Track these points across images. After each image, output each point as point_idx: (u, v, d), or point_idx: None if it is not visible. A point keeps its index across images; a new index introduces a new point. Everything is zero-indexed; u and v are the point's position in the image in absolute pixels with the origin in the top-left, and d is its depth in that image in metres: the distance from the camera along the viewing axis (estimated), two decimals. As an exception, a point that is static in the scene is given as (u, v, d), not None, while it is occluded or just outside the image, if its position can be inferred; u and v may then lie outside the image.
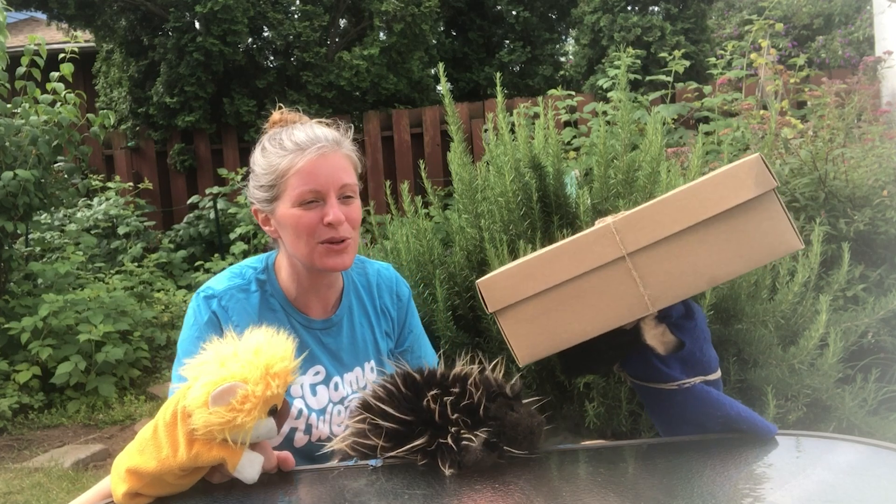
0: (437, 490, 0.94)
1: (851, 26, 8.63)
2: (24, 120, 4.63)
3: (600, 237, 1.01)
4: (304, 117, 1.43)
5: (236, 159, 7.30)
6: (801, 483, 0.92)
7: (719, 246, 1.00)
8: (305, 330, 1.41)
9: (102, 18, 7.13)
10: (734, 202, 0.98)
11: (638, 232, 1.00)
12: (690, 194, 1.00)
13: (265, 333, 0.99)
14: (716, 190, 0.99)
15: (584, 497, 0.92)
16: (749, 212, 0.99)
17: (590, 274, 1.01)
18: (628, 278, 1.01)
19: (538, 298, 1.03)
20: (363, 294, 1.49)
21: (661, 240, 1.00)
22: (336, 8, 7.65)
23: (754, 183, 0.97)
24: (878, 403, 2.36)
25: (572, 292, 1.02)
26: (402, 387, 1.03)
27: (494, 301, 1.06)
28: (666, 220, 1.00)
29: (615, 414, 2.22)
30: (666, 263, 1.00)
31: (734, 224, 0.99)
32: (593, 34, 7.07)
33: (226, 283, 1.38)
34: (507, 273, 1.05)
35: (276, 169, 1.31)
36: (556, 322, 1.03)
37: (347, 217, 1.31)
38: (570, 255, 1.02)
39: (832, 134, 3.21)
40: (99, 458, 3.84)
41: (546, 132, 2.57)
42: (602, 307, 1.02)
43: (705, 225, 0.99)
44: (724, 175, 0.99)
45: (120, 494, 0.96)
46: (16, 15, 9.08)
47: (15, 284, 5.01)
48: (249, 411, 0.91)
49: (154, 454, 0.94)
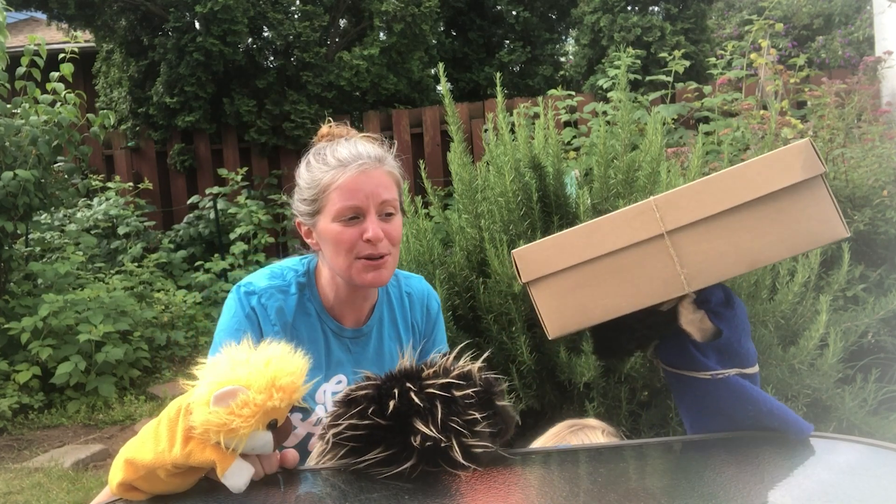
0: (438, 490, 0.94)
1: (851, 26, 8.63)
2: (24, 120, 4.63)
3: (640, 213, 1.00)
4: (353, 131, 1.44)
5: (236, 159, 7.30)
6: (801, 483, 0.92)
7: (762, 229, 0.98)
8: (336, 337, 1.43)
9: (102, 18, 7.13)
10: (780, 185, 0.96)
11: (679, 210, 0.99)
12: (736, 175, 0.98)
13: (282, 348, 0.98)
14: (762, 172, 0.97)
15: (584, 497, 0.92)
16: (795, 196, 0.97)
17: (627, 249, 1.00)
18: (666, 256, 0.99)
19: (573, 271, 1.02)
20: (396, 307, 1.51)
21: (701, 219, 0.98)
22: (336, 8, 7.65)
23: (801, 167, 0.96)
24: (878, 403, 2.36)
25: (608, 267, 1.01)
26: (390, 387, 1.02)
27: (528, 271, 1.04)
28: (709, 199, 0.98)
29: (615, 414, 2.22)
30: (705, 243, 0.99)
31: (779, 207, 0.97)
32: (593, 34, 7.07)
33: (266, 282, 1.40)
34: (543, 244, 1.04)
35: (318, 183, 1.33)
36: (590, 296, 1.02)
37: (387, 233, 1.33)
38: (608, 230, 1.00)
39: (832, 134, 3.21)
40: (99, 458, 3.84)
41: (546, 132, 2.57)
42: (637, 284, 1.00)
43: (749, 207, 0.97)
44: (772, 158, 0.98)
45: (115, 484, 0.96)
46: (16, 15, 9.08)
47: (15, 284, 5.01)
48: (247, 418, 0.90)
49: (152, 446, 0.94)
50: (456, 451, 0.95)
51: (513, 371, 2.25)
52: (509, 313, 2.29)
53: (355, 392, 1.02)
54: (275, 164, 7.34)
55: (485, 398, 1.00)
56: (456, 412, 0.97)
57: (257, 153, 7.28)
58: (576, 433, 1.31)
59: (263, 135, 7.06)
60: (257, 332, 1.37)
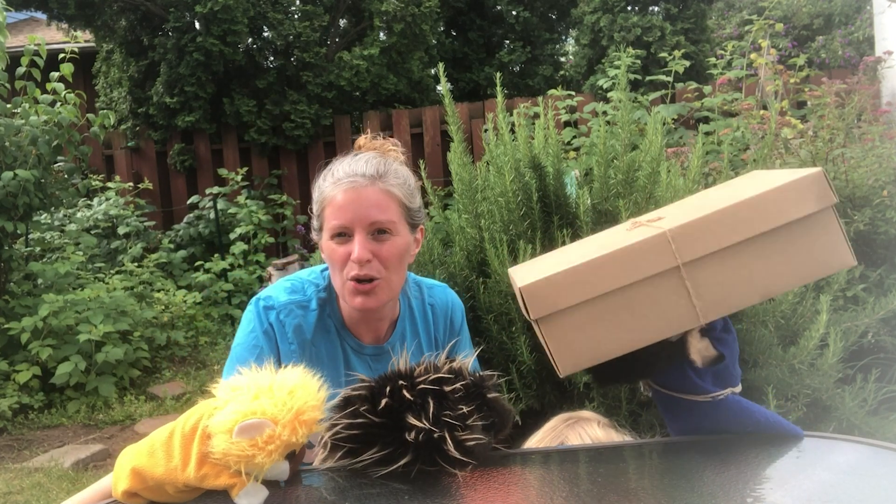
0: (437, 490, 0.94)
1: (851, 26, 8.63)
2: (24, 120, 4.64)
3: (655, 245, 0.97)
4: (387, 144, 1.42)
5: (236, 159, 7.30)
6: (802, 483, 0.92)
7: (775, 259, 0.98)
8: (356, 354, 1.41)
9: (102, 18, 7.13)
10: (794, 216, 0.96)
11: (694, 242, 0.97)
12: (750, 206, 0.97)
13: (302, 375, 0.98)
14: (776, 203, 0.97)
15: (584, 497, 0.92)
16: (807, 226, 0.97)
17: (641, 283, 0.98)
18: (681, 289, 0.98)
19: (585, 307, 0.99)
20: (419, 320, 1.48)
21: (716, 251, 0.97)
22: (336, 8, 7.65)
23: (815, 198, 0.96)
24: (878, 403, 2.36)
25: (621, 301, 0.98)
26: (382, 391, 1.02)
27: (538, 308, 0.99)
28: (724, 231, 0.97)
29: (615, 414, 2.22)
30: (720, 275, 0.98)
31: (791, 238, 0.98)
32: (593, 34, 7.07)
33: (286, 297, 1.38)
34: (553, 279, 1.00)
35: (320, 199, 1.33)
36: (602, 332, 0.99)
37: (377, 254, 1.29)
38: (621, 263, 0.98)
39: (832, 134, 3.21)
40: (99, 458, 3.84)
41: (546, 132, 2.57)
42: (651, 318, 0.99)
43: (762, 237, 0.97)
44: (785, 188, 0.97)
45: (120, 491, 0.96)
46: (16, 15, 9.08)
47: (15, 284, 5.01)
48: (270, 453, 0.90)
49: (163, 461, 0.93)
50: (449, 443, 0.95)
51: (513, 371, 2.25)
52: (509, 313, 2.29)
53: (350, 394, 1.02)
54: (275, 164, 7.34)
55: (476, 392, 1.00)
56: (447, 406, 0.97)
57: (257, 153, 7.28)
58: (572, 426, 1.30)
59: (263, 135, 7.06)
60: (274, 348, 1.35)
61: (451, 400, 0.98)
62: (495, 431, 1.02)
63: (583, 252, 1.06)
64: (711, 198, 1.09)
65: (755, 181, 1.07)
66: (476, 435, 0.97)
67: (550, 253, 1.24)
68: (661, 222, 1.04)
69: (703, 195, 1.19)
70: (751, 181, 1.09)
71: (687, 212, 1.05)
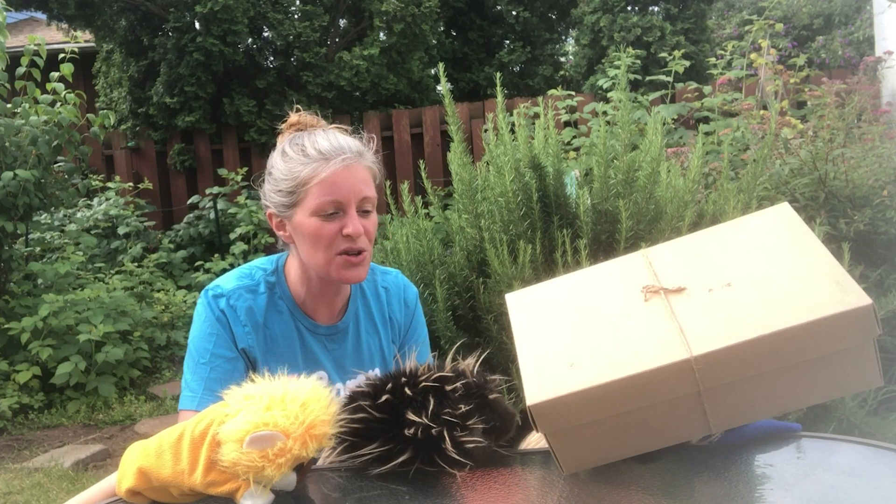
0: (437, 490, 0.94)
1: (851, 26, 8.63)
2: (24, 120, 4.63)
3: (677, 372, 0.91)
4: (323, 121, 1.41)
5: (236, 159, 7.30)
6: (802, 484, 0.92)
7: (801, 383, 0.94)
8: (311, 334, 1.41)
9: (102, 18, 7.13)
10: (833, 350, 0.90)
11: (720, 370, 0.91)
12: (787, 337, 0.89)
13: (314, 387, 0.97)
14: (817, 337, 0.89)
15: (584, 497, 0.92)
16: (843, 355, 0.91)
17: (657, 404, 0.94)
18: (697, 407, 0.94)
19: (595, 423, 0.95)
20: (371, 301, 1.49)
21: (741, 379, 0.92)
22: (336, 8, 7.65)
23: (860, 332, 0.89)
24: (878, 403, 2.36)
25: (634, 418, 0.94)
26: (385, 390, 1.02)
27: (547, 425, 0.94)
28: (754, 361, 0.90)
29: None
30: (740, 396, 0.94)
31: (823, 366, 0.92)
32: (593, 34, 7.07)
33: (234, 283, 1.39)
34: (564, 401, 0.93)
35: (297, 176, 1.30)
36: (611, 442, 0.97)
37: (365, 229, 1.31)
38: (638, 388, 0.92)
39: (832, 134, 3.21)
40: (99, 459, 3.84)
41: (546, 132, 2.57)
42: (663, 430, 0.96)
43: (793, 365, 0.92)
44: (831, 322, 0.88)
45: (124, 489, 0.96)
46: (16, 15, 9.08)
47: (15, 284, 5.01)
48: (280, 465, 0.90)
49: (171, 463, 0.93)
50: (447, 442, 0.95)
51: (513, 371, 2.25)
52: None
53: (355, 390, 1.03)
54: (275, 164, 7.33)
55: (477, 393, 1.00)
56: (447, 405, 0.97)
57: (257, 153, 7.28)
58: None
59: (263, 135, 7.06)
60: (229, 334, 1.36)
61: (451, 399, 0.98)
62: (497, 435, 1.01)
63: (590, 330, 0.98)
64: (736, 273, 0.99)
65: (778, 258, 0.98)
66: (475, 437, 0.97)
67: (553, 283, 1.14)
68: (682, 313, 0.95)
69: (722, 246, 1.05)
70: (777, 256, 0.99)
71: (712, 293, 0.96)
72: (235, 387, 0.98)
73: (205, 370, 1.34)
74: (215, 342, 1.35)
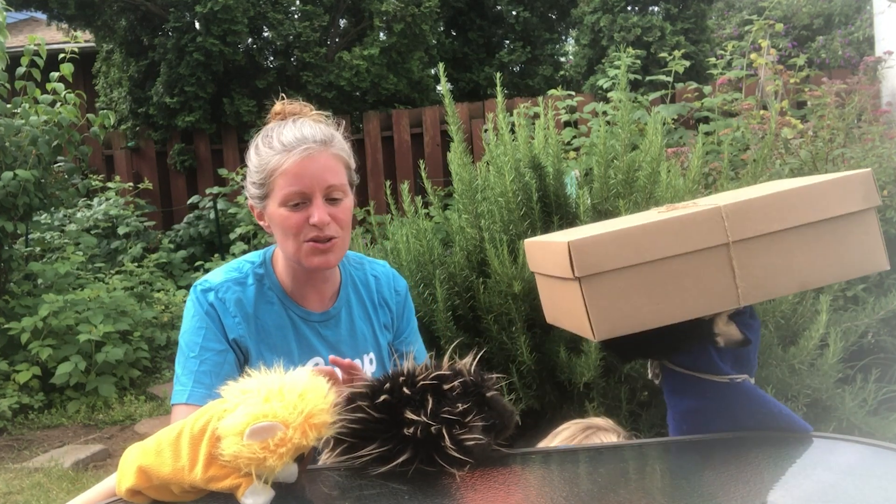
0: (437, 490, 0.94)
1: (851, 26, 8.63)
2: (24, 120, 4.63)
3: (708, 219, 0.99)
4: (306, 108, 1.43)
5: (236, 159, 7.30)
6: (801, 483, 0.92)
7: (817, 251, 1.01)
8: (304, 322, 1.42)
9: (102, 18, 7.14)
10: (841, 212, 1.00)
11: (746, 221, 0.99)
12: (801, 194, 1.00)
13: (311, 378, 0.98)
14: (825, 196, 1.00)
15: (584, 497, 0.92)
16: (850, 224, 1.01)
17: (689, 255, 0.98)
18: (726, 267, 0.99)
19: (630, 271, 0.98)
20: (361, 289, 1.51)
21: (765, 234, 1.00)
22: (336, 8, 7.65)
23: (862, 197, 1.00)
24: (878, 403, 2.36)
25: (667, 271, 0.98)
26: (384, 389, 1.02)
27: (584, 265, 0.97)
28: (775, 215, 1.00)
29: (615, 414, 2.22)
30: (764, 259, 1.00)
31: (835, 232, 1.01)
32: (593, 34, 7.07)
33: (223, 277, 1.41)
34: (601, 239, 0.99)
35: (265, 168, 1.33)
36: (643, 300, 0.99)
37: (334, 217, 1.32)
38: (673, 232, 0.98)
39: (832, 134, 3.21)
40: (99, 459, 3.84)
41: (546, 132, 2.57)
42: (693, 293, 0.99)
43: (808, 227, 1.00)
44: (835, 183, 1.01)
45: (124, 488, 0.96)
46: (16, 15, 9.08)
47: (15, 284, 5.01)
48: (281, 455, 0.90)
49: (171, 461, 0.93)
50: (447, 440, 0.95)
51: (513, 371, 2.25)
52: (509, 313, 2.29)
53: (353, 391, 1.03)
54: (275, 164, 7.33)
55: (475, 391, 1.00)
56: (446, 403, 0.97)
57: (257, 153, 7.28)
58: (590, 438, 1.30)
59: (263, 135, 7.06)
60: (218, 326, 1.37)
61: (449, 398, 0.98)
62: (496, 432, 1.02)
63: (618, 223, 1.06)
64: (749, 191, 1.11)
65: (795, 182, 1.09)
66: (475, 435, 0.97)
67: (573, 229, 1.23)
68: (702, 203, 1.05)
69: (734, 192, 1.20)
70: (790, 182, 1.11)
71: (727, 199, 1.06)
72: (231, 382, 0.98)
73: (194, 363, 1.35)
74: (204, 335, 1.36)
